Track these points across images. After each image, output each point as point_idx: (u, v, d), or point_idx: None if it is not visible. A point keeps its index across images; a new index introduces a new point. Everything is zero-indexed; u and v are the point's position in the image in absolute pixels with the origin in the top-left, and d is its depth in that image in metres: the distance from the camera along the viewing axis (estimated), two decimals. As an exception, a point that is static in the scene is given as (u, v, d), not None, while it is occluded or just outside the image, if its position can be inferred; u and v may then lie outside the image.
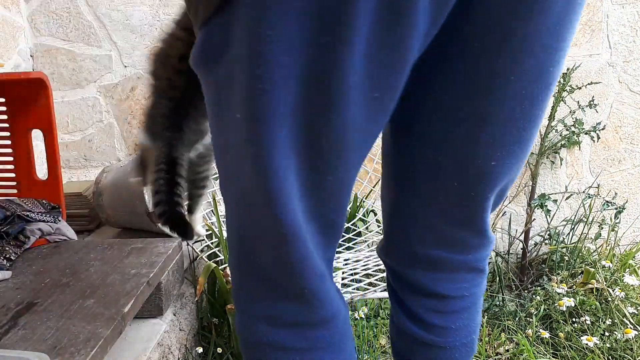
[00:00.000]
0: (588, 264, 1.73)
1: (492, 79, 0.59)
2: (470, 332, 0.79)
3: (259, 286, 0.67)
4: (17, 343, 0.85)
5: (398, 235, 0.76)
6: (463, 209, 0.69)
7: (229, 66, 0.53)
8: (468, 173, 0.65)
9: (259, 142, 0.54)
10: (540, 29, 0.56)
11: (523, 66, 0.57)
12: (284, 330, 0.67)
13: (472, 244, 0.73)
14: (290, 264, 0.62)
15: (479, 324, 0.82)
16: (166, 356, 1.17)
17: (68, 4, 1.90)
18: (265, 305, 0.67)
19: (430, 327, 0.77)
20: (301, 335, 0.68)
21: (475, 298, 0.79)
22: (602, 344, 1.41)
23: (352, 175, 0.61)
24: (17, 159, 1.44)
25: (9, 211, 1.29)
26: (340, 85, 0.51)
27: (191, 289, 1.43)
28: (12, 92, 1.38)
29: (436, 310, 0.77)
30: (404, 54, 0.52)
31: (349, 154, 0.57)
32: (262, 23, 0.48)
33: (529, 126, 0.62)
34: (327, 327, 0.68)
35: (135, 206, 1.44)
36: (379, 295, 1.28)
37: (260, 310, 0.68)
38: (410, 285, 0.77)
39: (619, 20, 1.85)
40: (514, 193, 1.97)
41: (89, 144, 2.00)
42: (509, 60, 0.57)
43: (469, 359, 0.82)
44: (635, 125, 1.92)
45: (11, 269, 1.15)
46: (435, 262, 0.74)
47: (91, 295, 1.01)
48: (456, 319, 0.77)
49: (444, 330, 0.77)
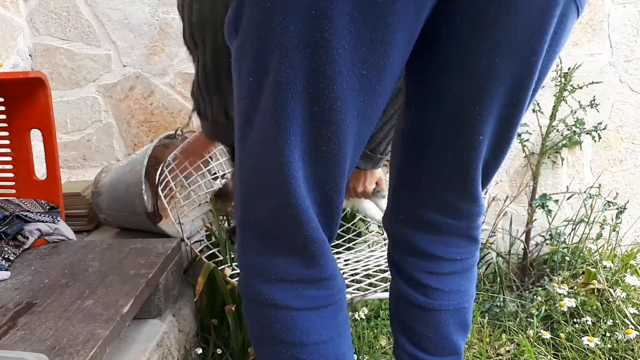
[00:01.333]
0: (589, 265, 1.72)
1: (480, 61, 0.66)
2: (463, 300, 0.87)
3: (259, 240, 0.72)
4: (15, 344, 0.84)
5: (401, 200, 0.85)
6: (457, 177, 0.78)
7: (241, 37, 0.63)
8: (460, 145, 0.74)
9: (267, 105, 0.62)
10: (517, 18, 0.62)
11: (506, 50, 0.65)
12: (278, 287, 0.71)
13: (465, 210, 0.82)
14: (290, 213, 0.67)
15: (472, 296, 0.89)
16: (165, 357, 1.17)
17: (67, 4, 1.89)
18: (263, 261, 0.72)
19: (424, 289, 0.85)
20: (294, 293, 0.71)
21: (468, 265, 0.87)
22: (603, 345, 1.41)
23: (346, 150, 0.65)
24: (15, 159, 1.43)
25: (8, 211, 1.28)
26: (330, 59, 0.58)
27: (190, 290, 1.42)
28: (11, 92, 1.38)
29: (430, 271, 0.85)
30: (386, 36, 0.58)
31: (343, 129, 0.63)
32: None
33: (513, 107, 0.70)
34: (321, 286, 0.72)
35: (134, 206, 1.44)
36: (380, 295, 1.27)
37: (258, 265, 0.72)
38: (409, 249, 0.86)
39: (620, 20, 1.85)
40: (515, 193, 1.97)
41: (87, 144, 2.00)
42: (493, 45, 0.65)
43: (462, 330, 0.89)
44: (636, 125, 1.92)
45: (10, 270, 1.14)
46: (432, 225, 0.83)
47: (90, 296, 1.01)
48: (449, 282, 0.85)
49: (437, 292, 0.85)
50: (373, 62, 0.60)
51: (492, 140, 0.74)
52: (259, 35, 0.60)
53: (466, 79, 0.69)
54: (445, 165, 0.77)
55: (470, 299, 0.89)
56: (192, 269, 1.52)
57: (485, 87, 0.68)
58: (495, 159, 0.78)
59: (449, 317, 0.86)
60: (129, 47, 1.92)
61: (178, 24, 1.88)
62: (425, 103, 0.75)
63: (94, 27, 1.91)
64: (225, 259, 1.39)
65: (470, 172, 0.77)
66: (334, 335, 0.74)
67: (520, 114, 0.72)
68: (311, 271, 0.71)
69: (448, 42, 0.67)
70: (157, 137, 1.75)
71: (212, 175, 1.76)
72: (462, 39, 0.66)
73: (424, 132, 0.77)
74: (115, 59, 1.93)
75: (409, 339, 0.89)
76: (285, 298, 0.71)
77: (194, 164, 1.62)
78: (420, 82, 0.74)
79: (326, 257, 0.72)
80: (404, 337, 0.90)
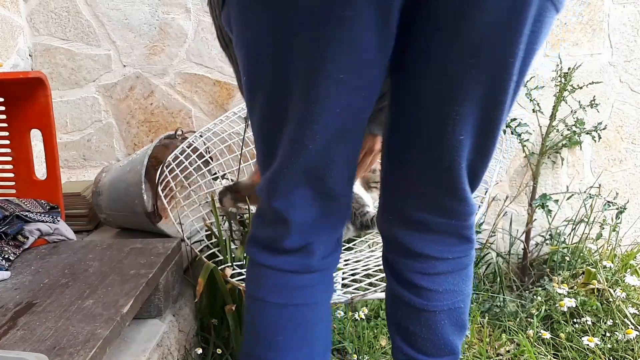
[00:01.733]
0: (589, 265, 1.72)
1: (454, 63, 0.67)
2: (458, 300, 0.86)
3: (261, 213, 0.84)
4: (16, 344, 0.84)
5: (390, 200, 0.86)
6: (442, 176, 0.78)
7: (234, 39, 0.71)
8: (441, 145, 0.74)
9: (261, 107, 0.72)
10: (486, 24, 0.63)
11: (480, 53, 0.66)
12: (263, 251, 0.83)
13: (454, 209, 0.81)
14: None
15: (468, 296, 0.89)
16: (165, 357, 1.17)
17: (67, 3, 1.89)
18: (261, 229, 0.84)
19: (418, 290, 0.85)
20: (273, 256, 0.82)
21: (462, 264, 0.86)
22: (603, 345, 1.41)
23: (326, 134, 0.70)
24: (15, 159, 1.43)
25: (8, 211, 1.28)
26: (290, 56, 0.65)
27: (190, 290, 1.42)
28: (11, 92, 1.38)
29: (423, 272, 0.85)
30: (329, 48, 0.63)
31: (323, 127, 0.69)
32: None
33: (493, 107, 0.71)
34: (297, 255, 0.81)
35: (135, 206, 1.44)
36: (380, 295, 1.27)
37: (256, 233, 0.85)
38: (400, 249, 0.86)
39: (620, 20, 1.85)
40: (515, 193, 1.97)
41: (87, 144, 2.00)
42: (466, 48, 0.66)
43: (458, 329, 0.88)
44: (636, 125, 1.92)
45: (10, 270, 1.14)
46: (421, 224, 0.83)
47: (90, 296, 1.01)
48: (442, 282, 0.85)
49: (431, 293, 0.85)
50: (347, 66, 0.65)
51: (475, 140, 0.74)
52: (241, 46, 0.70)
53: (442, 81, 0.69)
54: (429, 165, 0.78)
55: (466, 299, 0.89)
56: (192, 269, 1.52)
57: (461, 89, 0.69)
58: (481, 159, 0.77)
59: (444, 318, 0.86)
60: (129, 47, 1.92)
61: (178, 24, 1.88)
62: (406, 103, 0.76)
63: (94, 27, 1.91)
64: (226, 258, 1.39)
65: (454, 172, 0.77)
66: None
67: (501, 114, 0.72)
68: (287, 240, 0.80)
69: (422, 45, 0.69)
70: (157, 137, 1.75)
71: (212, 176, 1.76)
72: (434, 42, 0.67)
73: (406, 132, 0.78)
74: (115, 59, 1.93)
75: (405, 340, 0.89)
76: (265, 259, 0.83)
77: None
78: (400, 83, 0.75)
79: (305, 230, 0.80)
80: (400, 338, 0.90)
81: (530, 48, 0.68)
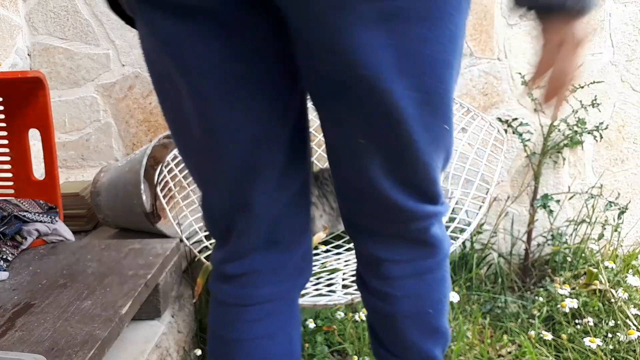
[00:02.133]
0: (591, 265, 1.71)
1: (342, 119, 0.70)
2: (425, 305, 0.83)
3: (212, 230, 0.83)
4: (14, 345, 0.84)
5: (340, 206, 0.85)
6: (370, 193, 0.75)
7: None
8: (360, 174, 0.74)
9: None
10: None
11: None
12: (221, 252, 0.82)
13: (394, 217, 0.78)
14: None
15: (439, 302, 0.85)
16: (164, 358, 1.16)
17: (66, 3, 1.88)
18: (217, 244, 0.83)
19: (377, 293, 0.84)
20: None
21: (422, 268, 0.82)
22: (605, 346, 1.40)
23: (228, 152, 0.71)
24: (14, 159, 1.42)
25: (6, 211, 1.27)
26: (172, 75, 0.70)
27: (189, 290, 1.42)
28: (9, 91, 1.37)
29: (376, 274, 0.83)
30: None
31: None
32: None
33: (398, 147, 0.69)
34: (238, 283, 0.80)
35: (133, 206, 1.43)
36: (381, 296, 1.26)
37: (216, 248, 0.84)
38: (358, 253, 0.87)
39: (621, 19, 1.84)
40: (516, 193, 1.96)
41: (86, 144, 1.99)
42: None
43: (431, 336, 0.85)
44: (638, 124, 1.91)
45: (8, 270, 1.13)
46: (366, 229, 0.82)
47: (88, 297, 1.00)
48: (400, 287, 0.82)
49: (388, 297, 0.82)
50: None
51: (393, 164, 0.71)
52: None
53: (339, 124, 0.71)
54: (354, 176, 0.75)
55: (437, 305, 0.85)
56: (191, 269, 1.51)
57: (356, 137, 0.69)
58: (410, 173, 0.72)
59: (408, 323, 0.84)
60: (128, 46, 1.91)
61: (177, 23, 1.87)
62: (321, 122, 0.74)
63: (92, 27, 1.90)
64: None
65: (377, 191, 0.73)
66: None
67: (413, 145, 0.68)
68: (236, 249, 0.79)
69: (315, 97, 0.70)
70: (156, 136, 1.74)
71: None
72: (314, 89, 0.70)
73: (330, 145, 0.77)
74: (114, 58, 1.92)
75: (380, 344, 0.90)
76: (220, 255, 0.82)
77: None
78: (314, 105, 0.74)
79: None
80: (377, 342, 0.91)
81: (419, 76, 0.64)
